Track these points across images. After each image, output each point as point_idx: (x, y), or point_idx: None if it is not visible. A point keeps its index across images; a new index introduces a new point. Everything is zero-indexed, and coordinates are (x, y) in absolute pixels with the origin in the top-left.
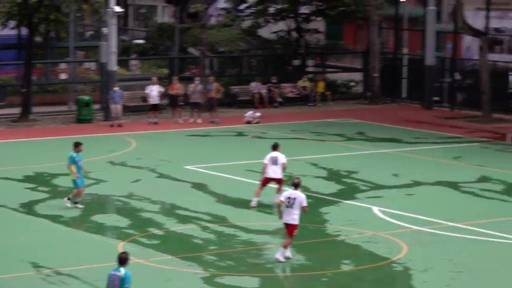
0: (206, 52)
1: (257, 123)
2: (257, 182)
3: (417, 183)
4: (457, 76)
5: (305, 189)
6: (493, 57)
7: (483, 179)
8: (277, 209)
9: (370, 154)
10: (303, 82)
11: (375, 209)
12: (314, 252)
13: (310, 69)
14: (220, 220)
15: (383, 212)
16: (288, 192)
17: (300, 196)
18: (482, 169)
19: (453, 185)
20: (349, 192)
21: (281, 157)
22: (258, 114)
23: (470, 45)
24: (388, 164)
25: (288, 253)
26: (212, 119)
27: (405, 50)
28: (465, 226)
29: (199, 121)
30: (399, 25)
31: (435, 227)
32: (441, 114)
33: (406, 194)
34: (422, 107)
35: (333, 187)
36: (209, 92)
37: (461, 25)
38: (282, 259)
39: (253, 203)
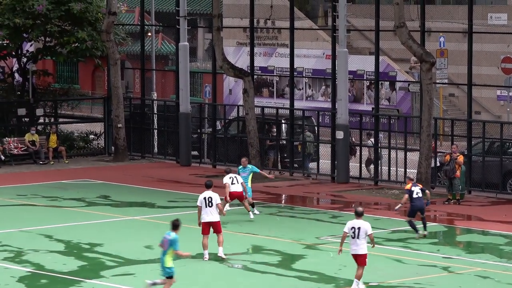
0: None
1: None
2: None
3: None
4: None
5: (38, 267)
6: (261, 101)
7: (255, 249)
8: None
9: (117, 222)
10: (31, 136)
11: None
12: None
13: (39, 119)
14: None
15: None
16: (352, 222)
17: (364, 224)
18: (252, 237)
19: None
20: (93, 269)
21: (216, 197)
22: None
23: (233, 87)
24: (140, 234)
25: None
26: None
27: (154, 95)
28: None
29: None
30: (146, 64)
31: None
32: (202, 172)
33: None
34: (178, 163)
35: (73, 263)
36: None
37: (220, 63)
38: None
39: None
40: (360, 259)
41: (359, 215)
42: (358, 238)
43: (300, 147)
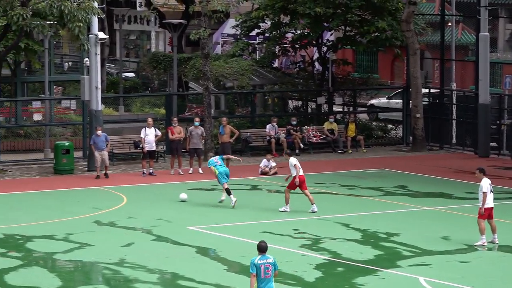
0: (211, 87)
1: (274, 174)
2: (278, 248)
3: (472, 248)
4: None
5: (335, 255)
6: None
7: None
8: None
9: (413, 212)
10: (330, 124)
11: (422, 280)
12: None
13: (338, 108)
14: None
15: (431, 284)
16: None
17: None
18: None
19: None
20: (389, 259)
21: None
22: (273, 163)
23: None
24: (436, 225)
25: None
26: None
27: (453, 85)
28: None
29: (200, 171)
30: (445, 54)
31: None
32: (500, 164)
33: (459, 262)
34: (476, 154)
35: (370, 252)
36: (221, 136)
37: None
38: None
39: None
40: None
41: None
42: None
43: None
